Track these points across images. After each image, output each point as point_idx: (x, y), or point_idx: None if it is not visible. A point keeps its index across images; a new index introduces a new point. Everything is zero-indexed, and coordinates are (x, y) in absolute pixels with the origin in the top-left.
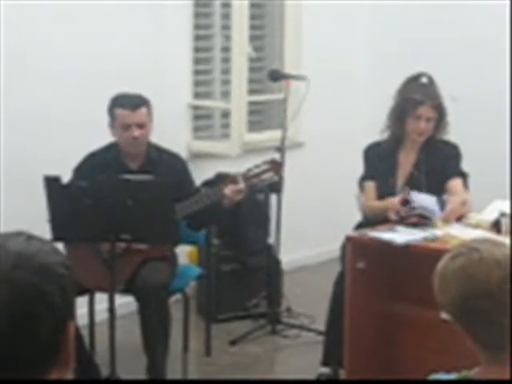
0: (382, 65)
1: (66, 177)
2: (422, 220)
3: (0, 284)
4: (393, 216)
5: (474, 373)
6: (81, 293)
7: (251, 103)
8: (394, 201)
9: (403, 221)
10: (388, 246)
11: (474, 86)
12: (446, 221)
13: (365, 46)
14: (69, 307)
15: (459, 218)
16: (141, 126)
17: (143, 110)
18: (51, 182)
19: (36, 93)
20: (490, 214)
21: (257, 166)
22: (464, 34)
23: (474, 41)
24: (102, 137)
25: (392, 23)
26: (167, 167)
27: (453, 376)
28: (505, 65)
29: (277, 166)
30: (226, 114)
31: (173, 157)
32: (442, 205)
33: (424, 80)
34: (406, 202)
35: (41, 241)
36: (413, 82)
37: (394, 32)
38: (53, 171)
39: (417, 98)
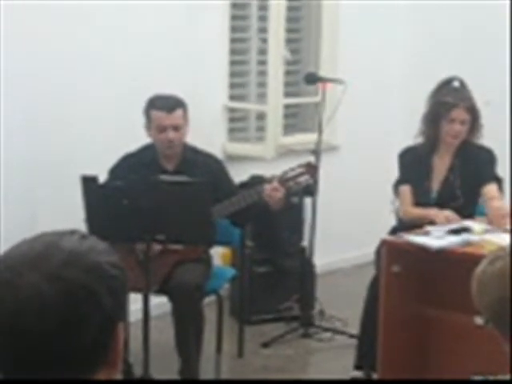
0: (418, 69)
1: (102, 177)
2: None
3: (50, 281)
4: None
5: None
6: None
7: (287, 106)
8: (435, 213)
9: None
10: (423, 250)
11: (507, 91)
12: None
13: (401, 49)
14: (118, 308)
15: None
16: (176, 128)
17: (179, 113)
18: (88, 182)
19: (72, 93)
20: None
21: (292, 169)
22: (501, 37)
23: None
24: (137, 138)
25: (429, 27)
26: (203, 168)
27: (491, 378)
28: None
29: (312, 169)
30: (261, 117)
31: (209, 158)
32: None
33: (456, 84)
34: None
35: (94, 240)
36: (445, 85)
37: (430, 36)
38: (88, 171)
39: (450, 100)
